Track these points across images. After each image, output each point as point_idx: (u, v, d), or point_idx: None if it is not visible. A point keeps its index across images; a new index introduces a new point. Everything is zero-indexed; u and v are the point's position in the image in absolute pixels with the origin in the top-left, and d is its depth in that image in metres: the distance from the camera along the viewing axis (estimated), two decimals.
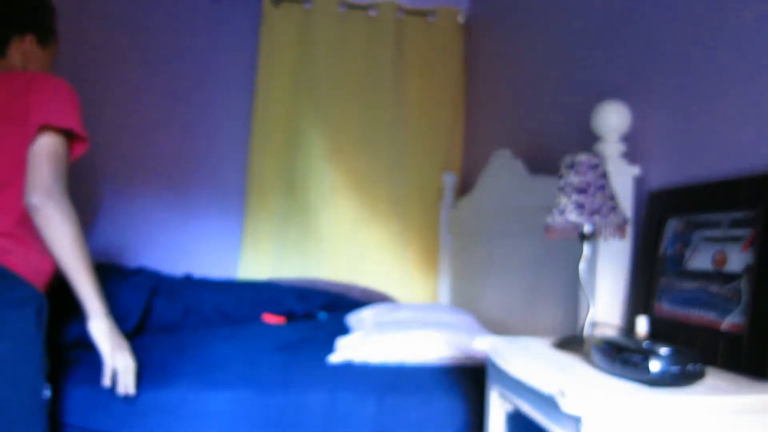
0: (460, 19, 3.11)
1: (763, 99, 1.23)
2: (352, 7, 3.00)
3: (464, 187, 3.02)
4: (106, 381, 1.21)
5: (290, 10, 2.93)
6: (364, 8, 3.01)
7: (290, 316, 2.35)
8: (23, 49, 1.42)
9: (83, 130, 1.28)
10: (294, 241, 2.89)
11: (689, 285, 1.28)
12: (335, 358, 1.75)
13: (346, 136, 2.94)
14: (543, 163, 2.10)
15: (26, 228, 1.17)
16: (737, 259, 1.17)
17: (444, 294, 2.91)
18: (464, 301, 2.64)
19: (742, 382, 1.05)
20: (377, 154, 2.96)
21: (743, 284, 1.14)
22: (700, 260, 1.27)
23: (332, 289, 2.69)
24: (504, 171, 2.27)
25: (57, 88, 1.27)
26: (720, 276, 1.20)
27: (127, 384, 1.23)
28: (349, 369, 1.68)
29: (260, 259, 2.85)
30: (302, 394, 1.53)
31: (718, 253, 1.22)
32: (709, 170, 1.35)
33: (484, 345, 1.33)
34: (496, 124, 2.73)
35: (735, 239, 1.20)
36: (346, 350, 1.78)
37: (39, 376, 1.06)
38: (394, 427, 1.51)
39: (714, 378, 1.06)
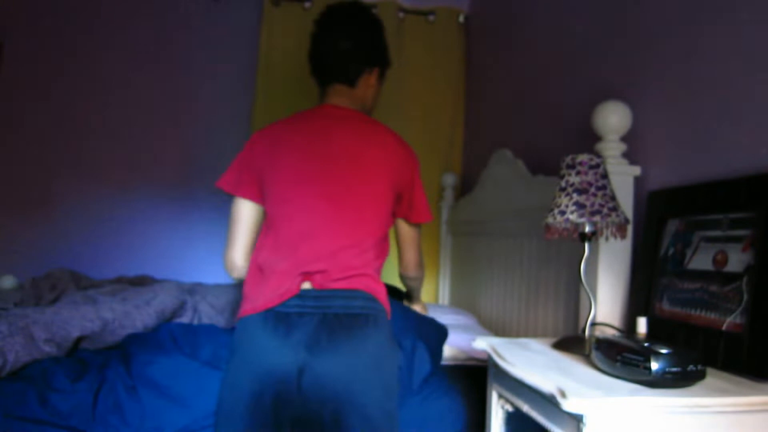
0: (460, 19, 3.11)
1: (762, 99, 1.23)
2: None
3: (464, 187, 3.02)
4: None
5: (290, 9, 2.93)
6: None
7: None
8: (369, 82, 1.54)
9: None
10: None
11: (689, 285, 1.28)
12: None
13: None
14: (543, 163, 2.10)
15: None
16: (737, 260, 1.17)
17: (444, 294, 2.91)
18: (464, 301, 2.63)
19: (743, 382, 1.05)
20: None
21: (744, 285, 1.14)
22: (701, 260, 1.27)
23: None
24: (504, 171, 2.27)
25: (420, 184, 1.51)
26: (720, 276, 1.20)
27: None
28: None
29: None
30: None
31: (719, 253, 1.22)
32: (709, 170, 1.35)
33: (484, 345, 1.32)
34: (496, 124, 2.72)
35: (735, 239, 1.19)
36: None
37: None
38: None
39: (714, 378, 1.06)
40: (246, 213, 1.43)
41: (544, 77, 2.24)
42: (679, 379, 0.97)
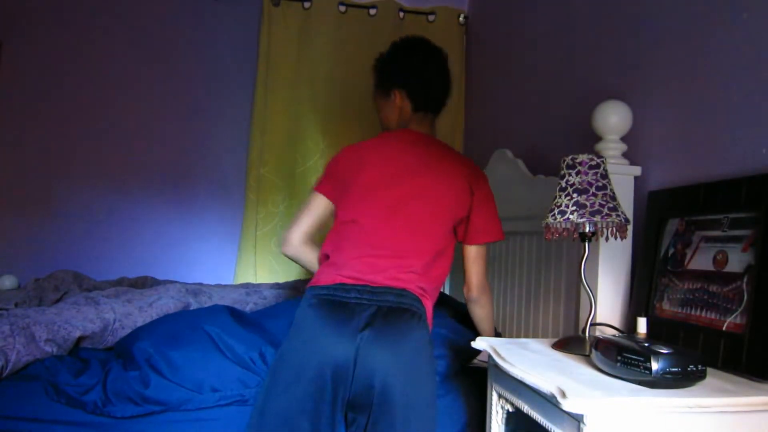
0: (461, 19, 3.11)
1: (763, 99, 1.23)
2: (352, 6, 3.00)
3: None
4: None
5: (290, 9, 2.93)
6: (364, 8, 3.01)
7: None
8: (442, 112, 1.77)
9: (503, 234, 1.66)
10: None
11: (690, 285, 1.28)
12: None
13: (346, 136, 2.94)
14: (543, 163, 2.10)
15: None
16: (738, 260, 1.17)
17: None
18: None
19: (743, 382, 1.05)
20: None
21: (744, 285, 1.14)
22: (701, 260, 1.27)
23: None
24: (504, 171, 2.26)
25: (492, 200, 1.65)
26: (721, 276, 1.20)
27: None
28: None
29: (259, 259, 2.84)
30: None
31: (719, 253, 1.22)
32: (709, 170, 1.35)
33: (484, 345, 1.32)
34: (496, 124, 2.72)
35: (735, 239, 1.19)
36: None
37: None
38: None
39: (714, 378, 1.06)
40: (317, 204, 1.64)
41: (544, 77, 2.24)
42: (679, 379, 0.97)
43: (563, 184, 1.34)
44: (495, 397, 1.32)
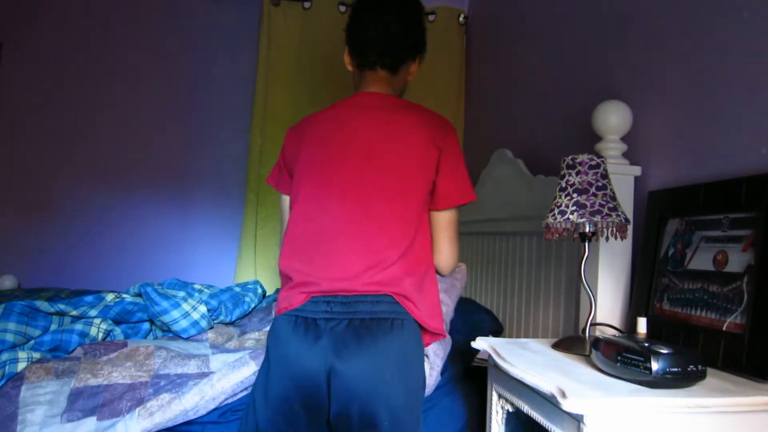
0: (461, 19, 3.11)
1: (763, 99, 1.23)
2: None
3: None
4: None
5: (290, 9, 2.93)
6: None
7: None
8: (410, 70, 1.47)
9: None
10: None
11: (690, 285, 1.28)
12: None
13: None
14: (543, 163, 2.10)
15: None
16: (738, 260, 1.17)
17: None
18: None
19: (743, 382, 1.05)
20: None
21: (744, 285, 1.14)
22: (701, 260, 1.27)
23: None
24: (504, 171, 2.26)
25: (461, 159, 1.39)
26: (721, 276, 1.20)
27: None
28: None
29: (259, 260, 2.84)
30: None
31: (719, 253, 1.22)
32: (709, 170, 1.35)
33: (484, 345, 1.32)
34: (496, 124, 2.72)
35: (735, 239, 1.19)
36: None
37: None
38: None
39: (714, 378, 1.06)
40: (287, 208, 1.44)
41: (544, 77, 2.24)
42: (679, 379, 0.97)
43: (563, 184, 1.34)
44: (495, 397, 1.32)
